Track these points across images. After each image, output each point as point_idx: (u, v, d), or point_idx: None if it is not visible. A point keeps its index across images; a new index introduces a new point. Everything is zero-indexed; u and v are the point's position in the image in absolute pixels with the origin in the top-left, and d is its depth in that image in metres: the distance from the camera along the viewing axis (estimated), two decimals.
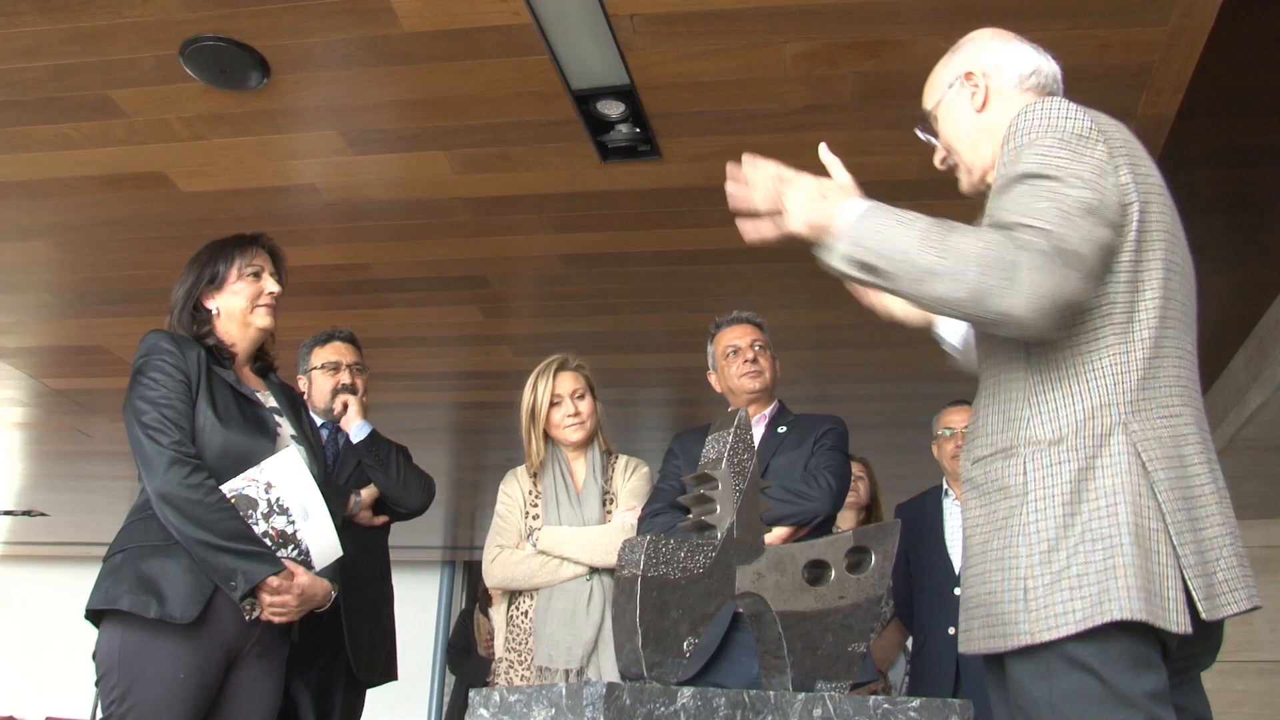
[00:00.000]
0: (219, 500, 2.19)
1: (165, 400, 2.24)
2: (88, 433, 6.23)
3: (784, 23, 2.76)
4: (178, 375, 2.28)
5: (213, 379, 2.34)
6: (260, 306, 2.45)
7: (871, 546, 1.67)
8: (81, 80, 3.02)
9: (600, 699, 1.27)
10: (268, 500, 2.26)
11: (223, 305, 2.44)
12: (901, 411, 5.28)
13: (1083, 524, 1.47)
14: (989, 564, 1.55)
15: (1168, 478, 1.49)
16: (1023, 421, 1.56)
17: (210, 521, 2.16)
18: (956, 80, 1.76)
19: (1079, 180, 1.49)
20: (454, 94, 3.07)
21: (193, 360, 2.32)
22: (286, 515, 2.27)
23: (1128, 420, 1.50)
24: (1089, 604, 1.43)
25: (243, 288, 2.44)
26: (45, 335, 4.89)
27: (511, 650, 2.98)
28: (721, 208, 3.62)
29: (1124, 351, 1.53)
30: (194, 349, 2.34)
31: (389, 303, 4.48)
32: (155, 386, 2.26)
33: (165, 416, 2.23)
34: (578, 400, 3.11)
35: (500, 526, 3.09)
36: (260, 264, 2.47)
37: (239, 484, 2.25)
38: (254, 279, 2.45)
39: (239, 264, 2.45)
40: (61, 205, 3.70)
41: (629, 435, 5.92)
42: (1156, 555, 1.45)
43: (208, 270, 2.44)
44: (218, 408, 2.30)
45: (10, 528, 8.98)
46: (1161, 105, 3.00)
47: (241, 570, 2.15)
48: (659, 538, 1.45)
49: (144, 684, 2.12)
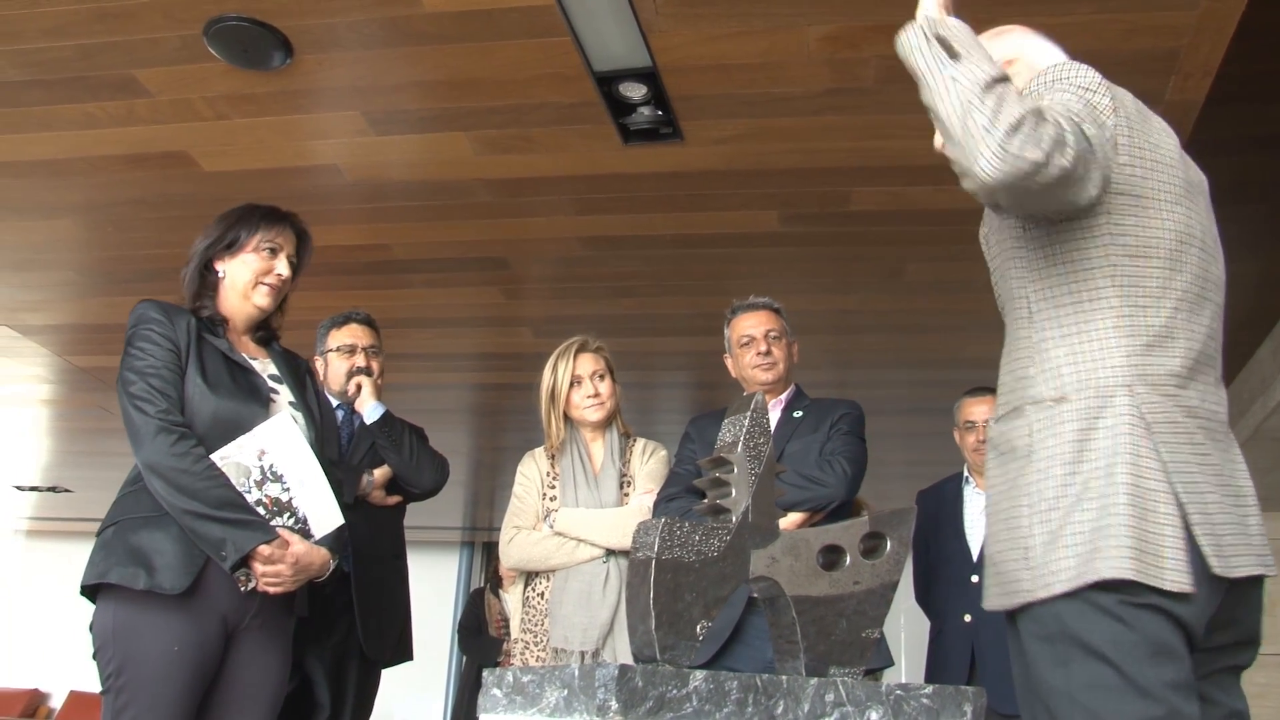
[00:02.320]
0: (207, 468, 2.15)
1: (152, 369, 2.21)
2: (111, 410, 6.29)
3: (807, 5, 2.74)
4: (166, 344, 2.24)
5: (203, 346, 2.29)
6: (264, 285, 2.40)
7: (887, 532, 1.67)
8: (106, 60, 3.03)
9: (612, 680, 1.28)
10: (260, 467, 2.21)
11: (230, 271, 2.40)
12: (921, 398, 5.26)
13: (1081, 483, 1.48)
14: (998, 524, 1.59)
15: (1173, 438, 1.49)
16: (1029, 380, 1.59)
17: (198, 490, 2.12)
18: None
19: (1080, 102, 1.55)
20: (476, 75, 3.07)
21: (182, 328, 2.28)
22: (281, 482, 2.23)
23: (1132, 383, 1.52)
24: (1080, 562, 1.45)
25: (254, 260, 2.40)
26: (70, 313, 4.92)
27: (527, 631, 3.00)
28: (743, 191, 3.66)
29: (1128, 315, 1.54)
30: (184, 317, 2.31)
31: (409, 283, 4.49)
32: (143, 356, 2.23)
33: (152, 386, 2.19)
34: (598, 381, 3.12)
35: (517, 507, 3.10)
36: (281, 242, 2.43)
37: (230, 451, 2.20)
38: (269, 255, 2.41)
39: (261, 235, 2.40)
40: (85, 184, 3.72)
41: (647, 418, 5.93)
42: (1154, 514, 1.45)
43: (230, 233, 2.41)
44: (207, 375, 2.25)
45: (36, 503, 9.08)
46: (1190, 91, 2.96)
47: (231, 539, 2.11)
48: (674, 520, 1.45)
49: (139, 658, 2.09)
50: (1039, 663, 1.51)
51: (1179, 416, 1.52)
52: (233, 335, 2.41)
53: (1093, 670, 1.44)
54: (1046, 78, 1.64)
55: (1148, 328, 1.54)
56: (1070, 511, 1.48)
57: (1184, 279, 1.58)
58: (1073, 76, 1.61)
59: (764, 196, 3.68)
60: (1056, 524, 1.49)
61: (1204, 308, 1.61)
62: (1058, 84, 1.61)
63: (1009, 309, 1.68)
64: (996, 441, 1.64)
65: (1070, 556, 1.46)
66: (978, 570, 3.44)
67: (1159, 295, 1.56)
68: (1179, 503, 1.46)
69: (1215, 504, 1.50)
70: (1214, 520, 1.49)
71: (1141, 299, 1.55)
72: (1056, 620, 1.48)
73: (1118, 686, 1.42)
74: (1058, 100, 1.55)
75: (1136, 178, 1.58)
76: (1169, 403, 1.52)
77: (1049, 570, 1.48)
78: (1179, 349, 1.56)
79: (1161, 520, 1.45)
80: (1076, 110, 1.53)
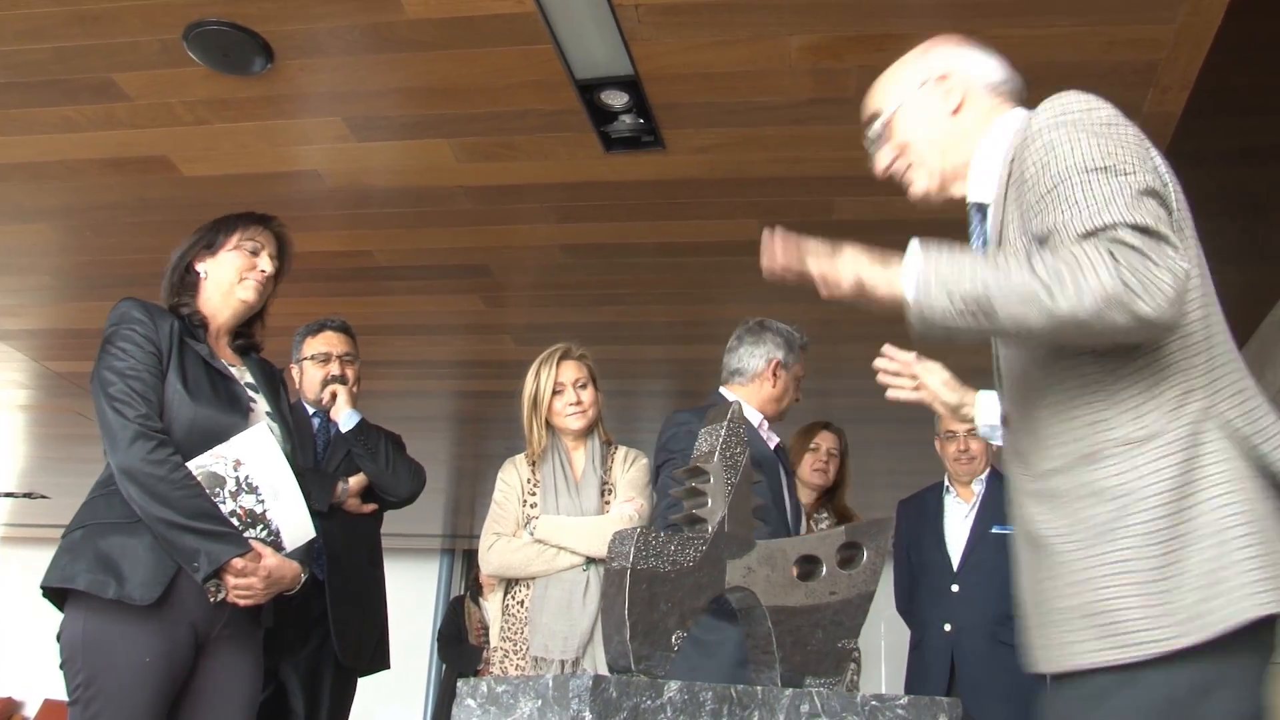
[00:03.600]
0: (184, 477, 2.11)
1: (133, 372, 2.17)
2: (88, 416, 6.23)
3: (789, 15, 2.75)
4: (148, 346, 2.20)
5: (184, 351, 2.25)
6: (249, 279, 2.37)
7: (864, 542, 1.67)
8: (84, 63, 3.01)
9: (586, 691, 1.27)
10: (236, 478, 2.18)
11: (211, 270, 2.37)
12: (903, 407, 5.25)
13: (1196, 519, 1.39)
14: (1093, 571, 1.43)
15: (1273, 448, 1.43)
16: (1102, 423, 1.47)
17: (174, 499, 2.08)
18: (929, 80, 1.70)
19: (1129, 164, 1.44)
20: (458, 82, 3.06)
21: (165, 331, 2.24)
22: (255, 494, 2.20)
23: (1213, 403, 1.45)
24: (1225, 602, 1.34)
25: (235, 258, 2.37)
26: (47, 318, 4.89)
27: (507, 640, 2.98)
28: (725, 200, 3.66)
29: (1184, 336, 1.47)
30: (167, 319, 2.27)
31: (390, 290, 4.48)
32: (123, 357, 2.18)
33: (132, 389, 2.15)
34: (580, 389, 3.11)
35: (498, 514, 3.09)
36: (262, 241, 2.41)
37: (206, 460, 2.17)
38: (250, 254, 2.38)
39: (240, 234, 2.38)
40: (63, 188, 3.70)
41: (629, 426, 5.92)
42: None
43: (208, 235, 2.38)
44: (188, 381, 2.21)
45: (11, 509, 9.00)
46: (1167, 103, 2.98)
47: (205, 551, 2.08)
48: (649, 530, 1.44)
49: (109, 670, 2.05)
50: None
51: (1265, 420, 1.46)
52: (213, 340, 2.37)
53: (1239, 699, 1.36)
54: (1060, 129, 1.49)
55: (1203, 343, 1.48)
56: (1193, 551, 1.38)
57: (1210, 290, 1.54)
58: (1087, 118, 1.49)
59: (746, 205, 3.68)
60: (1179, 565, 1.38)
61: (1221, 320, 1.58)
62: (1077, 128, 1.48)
63: (1040, 363, 1.57)
64: (1058, 490, 1.50)
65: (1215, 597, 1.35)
66: (957, 580, 3.44)
67: (1202, 306, 1.50)
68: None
69: None
70: None
71: (1190, 316, 1.48)
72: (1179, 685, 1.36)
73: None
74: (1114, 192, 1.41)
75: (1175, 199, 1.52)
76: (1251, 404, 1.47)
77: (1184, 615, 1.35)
78: (1229, 353, 1.51)
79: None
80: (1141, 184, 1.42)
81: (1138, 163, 1.45)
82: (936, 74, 1.70)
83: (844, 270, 1.53)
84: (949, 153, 1.68)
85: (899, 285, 1.47)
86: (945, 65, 1.71)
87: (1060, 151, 1.47)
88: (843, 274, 1.53)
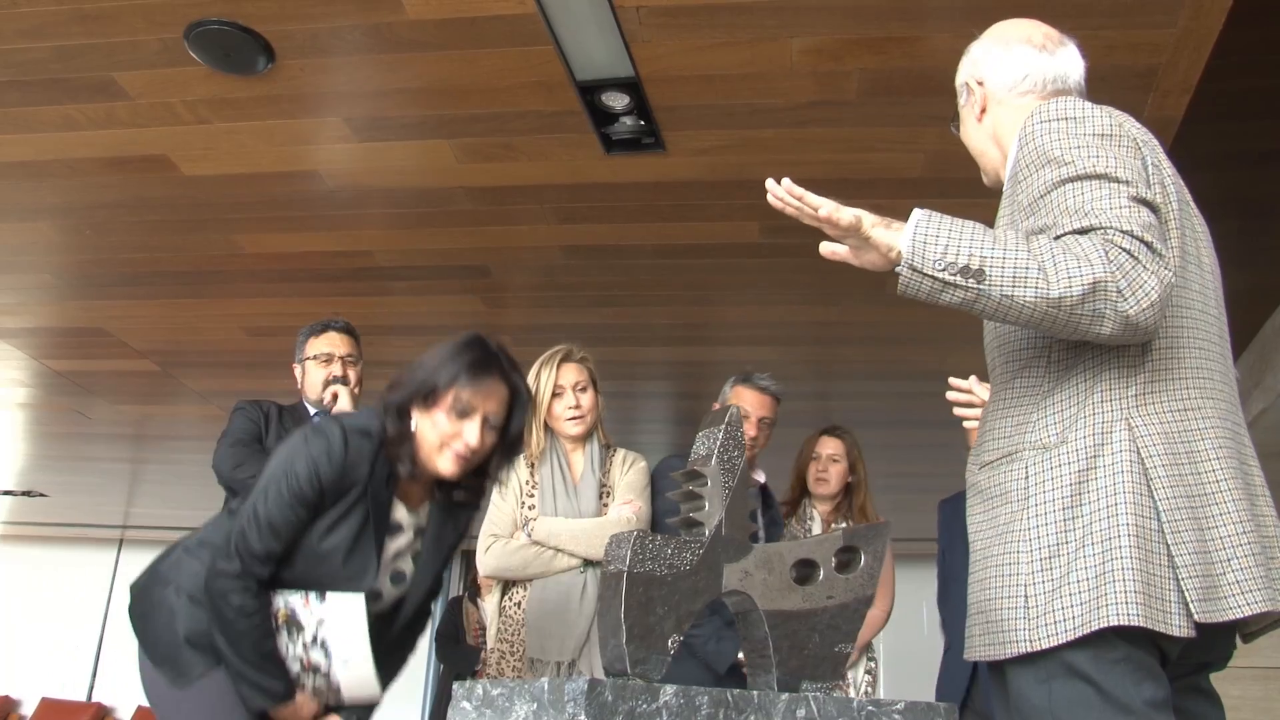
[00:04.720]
0: (253, 626, 2.06)
1: (285, 523, 2.05)
2: (87, 414, 6.24)
3: (790, 17, 2.75)
4: (311, 502, 2.06)
5: (356, 507, 2.11)
6: (450, 451, 2.09)
7: (861, 546, 1.67)
8: (85, 62, 3.01)
9: (582, 695, 1.27)
10: (315, 634, 2.13)
11: (420, 427, 2.11)
12: (902, 410, 5.27)
13: (1082, 527, 1.44)
14: (989, 571, 1.54)
15: (1167, 475, 1.45)
16: (1030, 425, 1.54)
17: (235, 637, 2.05)
18: (962, 90, 1.82)
19: (1123, 172, 1.48)
20: (458, 83, 3.06)
21: (358, 477, 2.09)
22: (326, 653, 2.15)
23: (1130, 415, 1.47)
24: (1086, 609, 1.41)
25: (444, 422, 2.08)
26: (47, 316, 4.89)
27: (503, 642, 2.98)
28: (724, 202, 3.65)
29: (1134, 349, 1.50)
30: (363, 467, 2.09)
31: (390, 291, 4.47)
32: (284, 508, 2.05)
33: (271, 530, 2.05)
34: (580, 393, 3.09)
35: (495, 515, 3.08)
36: (479, 407, 2.08)
37: (296, 602, 2.11)
38: (459, 418, 2.08)
39: (456, 392, 2.08)
40: (64, 186, 3.70)
41: (628, 428, 5.92)
42: (1158, 556, 1.42)
43: (430, 380, 2.11)
44: (336, 529, 2.10)
45: (10, 508, 9.00)
46: (1168, 108, 2.98)
47: (251, 695, 2.07)
48: (645, 534, 1.44)
49: None
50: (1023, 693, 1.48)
51: (1183, 444, 1.47)
52: (404, 486, 2.20)
53: (1074, 688, 1.43)
54: (1051, 134, 1.54)
55: (1153, 353, 1.50)
56: (1074, 558, 1.44)
57: (1193, 298, 1.55)
58: (1080, 127, 1.53)
59: (746, 207, 3.68)
60: (1061, 571, 1.44)
61: (1214, 323, 1.59)
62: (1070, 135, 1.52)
63: (1017, 356, 1.61)
64: (983, 486, 1.59)
65: (1076, 604, 1.42)
66: None
67: (1168, 319, 1.52)
68: (1168, 545, 1.42)
69: (1223, 537, 1.45)
70: (1211, 559, 1.44)
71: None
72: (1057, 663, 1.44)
73: (1098, 704, 1.41)
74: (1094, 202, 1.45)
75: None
76: (1174, 426, 1.48)
77: (1052, 619, 1.43)
78: (1189, 369, 1.52)
79: (1164, 562, 1.42)
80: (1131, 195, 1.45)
81: (1132, 172, 1.48)
82: (962, 83, 1.82)
83: (846, 210, 1.57)
84: (985, 154, 1.80)
85: (896, 239, 1.51)
86: (971, 72, 1.81)
87: (1054, 156, 1.52)
88: (844, 212, 1.57)
